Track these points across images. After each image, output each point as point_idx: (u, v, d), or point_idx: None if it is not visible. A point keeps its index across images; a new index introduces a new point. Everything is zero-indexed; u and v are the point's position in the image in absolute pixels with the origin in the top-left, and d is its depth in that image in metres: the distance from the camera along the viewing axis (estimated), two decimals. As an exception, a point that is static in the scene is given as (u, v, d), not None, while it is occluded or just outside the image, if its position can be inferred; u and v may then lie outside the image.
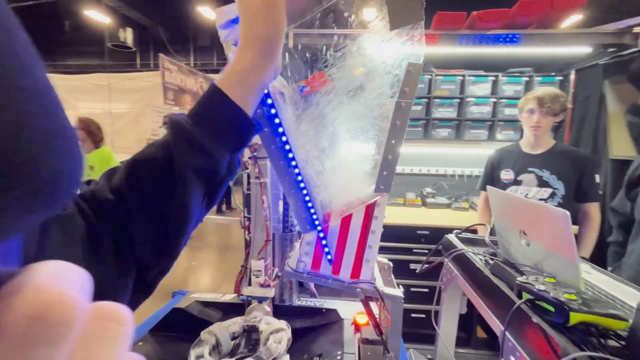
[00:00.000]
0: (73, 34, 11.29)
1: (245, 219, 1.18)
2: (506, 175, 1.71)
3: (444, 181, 2.55)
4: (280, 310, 1.08)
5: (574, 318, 0.53)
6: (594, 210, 1.58)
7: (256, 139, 0.73)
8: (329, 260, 0.73)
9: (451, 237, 1.09)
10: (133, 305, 0.38)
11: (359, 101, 0.69)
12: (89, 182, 0.40)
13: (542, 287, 0.59)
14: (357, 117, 0.71)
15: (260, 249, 0.96)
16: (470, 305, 0.97)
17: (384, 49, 0.62)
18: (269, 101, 0.54)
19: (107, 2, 7.13)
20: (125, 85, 5.96)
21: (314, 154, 0.67)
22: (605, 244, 1.80)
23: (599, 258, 1.77)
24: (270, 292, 0.97)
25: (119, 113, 5.95)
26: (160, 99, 5.56)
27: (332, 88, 0.67)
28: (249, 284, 1.02)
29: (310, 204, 0.67)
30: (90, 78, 6.20)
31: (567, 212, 0.60)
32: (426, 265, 1.06)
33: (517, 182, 1.68)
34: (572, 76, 2.10)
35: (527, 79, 2.17)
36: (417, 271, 1.12)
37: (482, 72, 2.21)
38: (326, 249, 0.72)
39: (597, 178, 1.58)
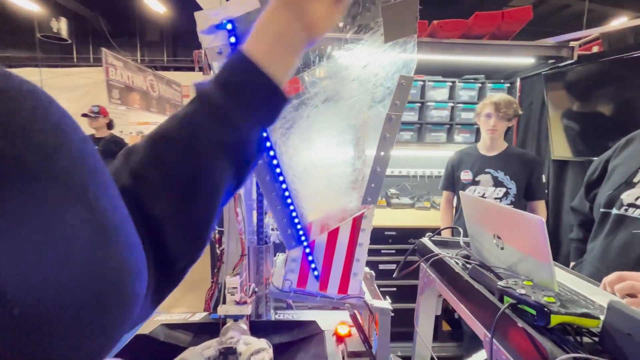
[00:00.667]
0: (-6, 22, 9.92)
1: (216, 231, 1.11)
2: (465, 175, 1.82)
3: (406, 182, 2.65)
4: (256, 327, 1.03)
5: (555, 320, 0.56)
6: (541, 207, 1.75)
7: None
8: (316, 277, 0.70)
9: (425, 240, 1.12)
10: (162, 296, 0.34)
11: (339, 111, 0.68)
12: None
13: (523, 291, 0.62)
14: (340, 128, 0.69)
15: (236, 264, 0.91)
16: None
17: (371, 59, 0.61)
18: None
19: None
20: (60, 82, 5.35)
21: (300, 167, 0.64)
22: (558, 240, 1.99)
23: (554, 252, 1.96)
24: (247, 310, 0.91)
25: (55, 113, 5.33)
26: (103, 97, 5.07)
27: (314, 94, 0.65)
28: (224, 302, 0.95)
29: (297, 220, 0.64)
30: (18, 73, 5.46)
31: (543, 219, 0.64)
32: (403, 270, 1.07)
33: (475, 183, 1.79)
34: (518, 84, 2.29)
35: (480, 85, 2.33)
36: (393, 275, 1.14)
37: (440, 78, 2.32)
38: (313, 265, 0.69)
39: (544, 178, 1.74)
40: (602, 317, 0.56)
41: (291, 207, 0.62)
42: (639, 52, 1.50)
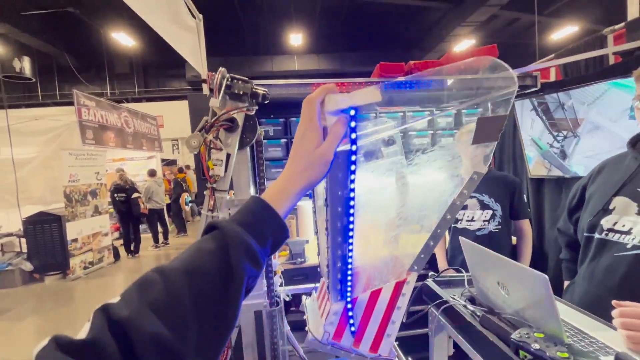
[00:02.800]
0: (-52, 64, 9.46)
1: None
2: (454, 202, 1.91)
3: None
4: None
5: (570, 375, 0.62)
6: (526, 226, 1.86)
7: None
8: (352, 332, 0.72)
9: (430, 282, 1.17)
10: None
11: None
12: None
13: (537, 346, 0.67)
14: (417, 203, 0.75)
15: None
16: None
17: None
18: (354, 147, 0.53)
19: (-3, 29, 6.17)
20: (30, 126, 5.13)
21: (364, 228, 0.67)
22: (543, 254, 2.10)
23: (541, 266, 2.06)
24: None
25: (23, 159, 5.07)
26: (76, 139, 4.92)
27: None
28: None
29: (349, 274, 0.67)
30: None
31: (546, 276, 0.70)
32: (413, 315, 1.11)
33: (463, 207, 1.88)
34: (490, 107, 2.45)
35: (455, 112, 2.48)
36: (403, 320, 1.17)
37: (419, 108, 2.45)
38: (351, 321, 0.72)
39: (525, 197, 1.85)
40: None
41: (350, 266, 0.65)
42: (593, 83, 1.68)
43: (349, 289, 0.69)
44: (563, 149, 1.95)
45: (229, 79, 0.88)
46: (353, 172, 0.55)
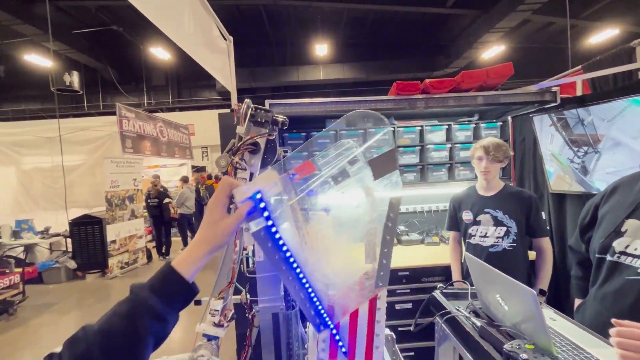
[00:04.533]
0: (10, 78, 10.57)
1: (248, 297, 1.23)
2: (466, 216, 1.93)
3: (414, 218, 2.76)
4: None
5: (555, 384, 0.67)
6: (545, 244, 1.83)
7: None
8: (344, 353, 0.81)
9: (437, 294, 1.23)
10: None
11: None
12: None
13: (525, 356, 0.73)
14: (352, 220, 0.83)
15: (222, 289, 1.00)
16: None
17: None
18: (270, 222, 0.62)
19: (51, 46, 6.85)
20: (78, 136, 5.65)
21: (315, 257, 0.77)
22: (565, 274, 2.05)
23: (563, 284, 2.02)
24: (222, 333, 0.99)
25: (71, 166, 5.58)
26: (117, 147, 5.34)
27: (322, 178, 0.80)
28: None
29: (320, 307, 0.76)
30: (38, 130, 5.80)
31: (534, 292, 0.75)
32: (420, 322, 1.18)
33: (476, 222, 1.89)
34: (510, 122, 2.46)
35: (474, 125, 2.50)
36: (412, 329, 1.23)
37: (436, 122, 2.50)
38: (340, 343, 0.80)
39: (543, 215, 1.83)
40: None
41: (312, 296, 0.74)
42: (614, 99, 1.66)
43: (325, 316, 0.78)
44: (584, 165, 1.93)
45: (253, 109, 1.01)
46: (280, 239, 0.64)
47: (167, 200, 6.18)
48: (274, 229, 0.64)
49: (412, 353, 2.13)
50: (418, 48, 10.34)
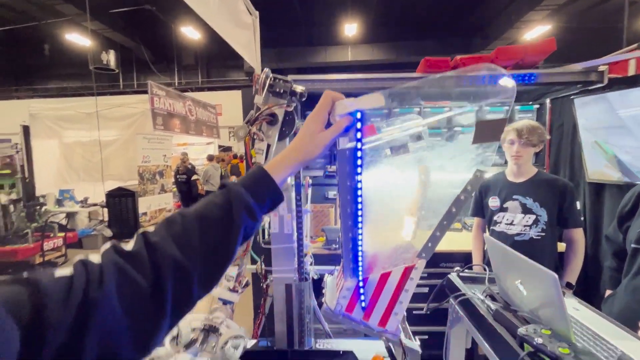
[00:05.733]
0: (53, 57, 11.17)
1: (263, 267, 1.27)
2: (493, 202, 1.84)
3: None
4: (299, 355, 1.16)
5: (569, 371, 0.64)
6: (577, 235, 1.72)
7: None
8: (362, 308, 0.81)
9: (453, 277, 1.20)
10: (181, 317, 0.48)
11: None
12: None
13: (540, 341, 0.70)
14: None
15: (237, 256, 1.03)
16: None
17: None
18: (359, 178, 0.63)
19: (89, 25, 7.13)
20: (113, 112, 5.93)
21: (372, 216, 0.77)
22: (597, 266, 1.94)
23: (594, 277, 1.92)
24: (236, 298, 1.02)
25: (107, 141, 5.89)
26: (148, 125, 5.56)
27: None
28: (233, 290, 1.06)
29: (360, 255, 0.76)
30: (78, 106, 6.13)
31: (556, 276, 0.71)
32: (432, 305, 1.16)
33: (503, 209, 1.81)
34: (548, 105, 2.28)
35: (507, 107, 2.34)
36: (424, 311, 1.22)
37: (467, 103, 2.37)
38: (362, 297, 0.81)
39: (578, 205, 1.72)
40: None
41: (360, 248, 0.75)
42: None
43: (360, 269, 0.78)
44: (631, 153, 1.77)
45: (272, 79, 1.00)
46: (360, 166, 0.63)
47: (195, 177, 6.41)
48: (359, 154, 0.64)
49: (426, 336, 2.12)
50: (452, 28, 9.76)
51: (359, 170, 0.64)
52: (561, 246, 1.84)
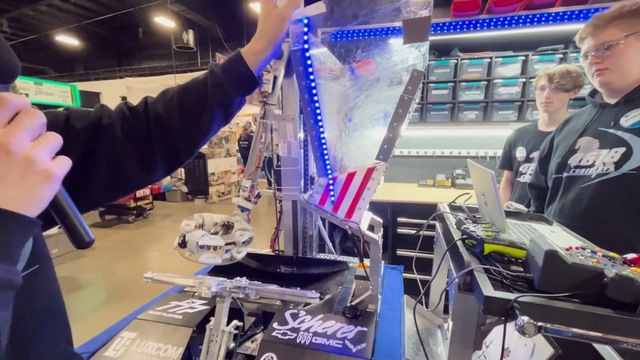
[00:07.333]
0: (146, 39, 12.81)
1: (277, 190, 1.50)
2: (520, 153, 1.77)
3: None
4: (303, 261, 1.38)
5: (487, 248, 0.73)
6: None
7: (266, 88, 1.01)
8: (332, 201, 0.99)
9: (442, 205, 1.27)
10: (170, 172, 0.71)
11: (378, 91, 0.95)
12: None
13: (473, 229, 0.79)
14: (376, 102, 0.96)
15: (251, 172, 1.22)
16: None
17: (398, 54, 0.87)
18: (311, 77, 0.79)
19: (172, 7, 8.00)
20: (189, 84, 6.74)
21: (336, 122, 0.93)
22: None
23: None
24: (250, 206, 1.22)
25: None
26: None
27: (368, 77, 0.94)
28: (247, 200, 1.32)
29: (326, 157, 0.93)
30: (162, 79, 7.09)
31: (492, 172, 0.78)
32: (422, 231, 1.27)
33: (529, 160, 1.73)
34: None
35: (560, 56, 2.13)
36: (414, 233, 1.33)
37: (511, 53, 2.22)
38: (332, 192, 0.98)
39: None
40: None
41: (324, 147, 0.91)
42: None
43: (328, 167, 0.94)
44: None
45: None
46: (310, 66, 0.78)
47: (255, 144, 7.00)
48: (308, 54, 0.76)
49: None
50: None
51: (310, 70, 0.79)
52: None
